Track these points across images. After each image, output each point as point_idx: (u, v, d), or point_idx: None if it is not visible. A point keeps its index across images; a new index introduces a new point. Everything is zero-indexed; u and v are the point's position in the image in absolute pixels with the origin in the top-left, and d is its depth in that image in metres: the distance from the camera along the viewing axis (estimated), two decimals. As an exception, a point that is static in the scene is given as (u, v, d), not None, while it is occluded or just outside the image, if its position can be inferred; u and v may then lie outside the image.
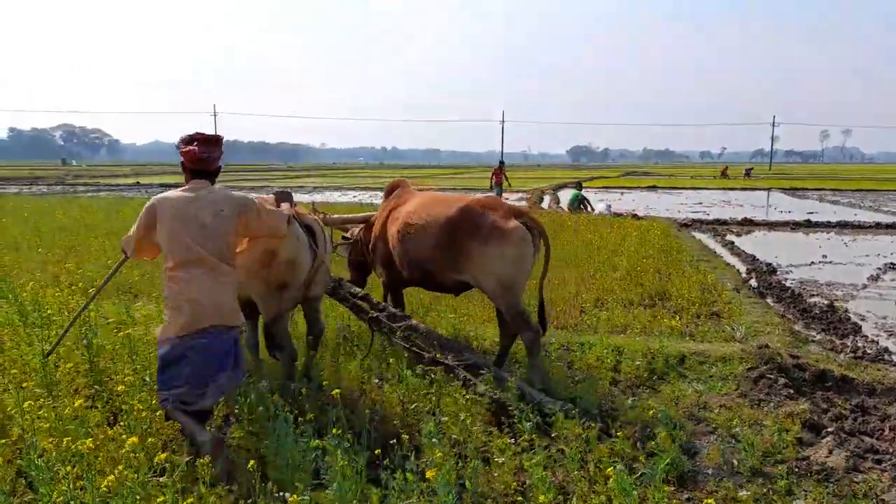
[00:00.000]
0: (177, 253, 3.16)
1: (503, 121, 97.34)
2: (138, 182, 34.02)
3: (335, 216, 5.83)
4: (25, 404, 2.84)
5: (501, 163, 22.00)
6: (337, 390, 3.45)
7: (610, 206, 18.30)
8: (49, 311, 4.51)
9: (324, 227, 4.20)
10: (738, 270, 9.85)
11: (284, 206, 3.85)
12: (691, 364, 5.14)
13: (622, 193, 30.44)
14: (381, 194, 7.62)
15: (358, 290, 5.15)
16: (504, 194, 21.62)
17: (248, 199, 3.45)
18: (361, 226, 5.68)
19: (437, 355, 4.36)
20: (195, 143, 3.31)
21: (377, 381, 4.18)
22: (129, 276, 7.34)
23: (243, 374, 3.48)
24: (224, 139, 3.47)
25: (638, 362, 4.90)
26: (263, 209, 3.49)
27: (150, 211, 3.25)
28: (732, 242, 13.26)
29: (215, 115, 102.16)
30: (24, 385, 3.12)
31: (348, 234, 5.93)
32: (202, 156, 3.31)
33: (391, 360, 4.34)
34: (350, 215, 6.01)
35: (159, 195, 3.33)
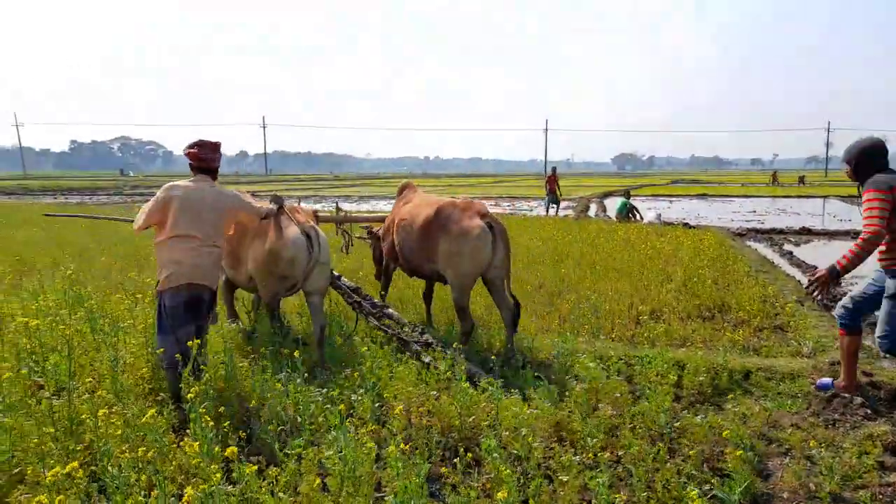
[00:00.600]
0: (174, 227, 3.99)
1: (546, 129, 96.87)
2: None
3: (355, 214, 6.89)
4: (100, 412, 2.91)
5: (553, 170, 21.90)
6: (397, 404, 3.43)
7: (660, 215, 17.89)
8: (116, 318, 4.63)
9: (319, 233, 4.88)
10: (798, 282, 9.47)
11: (272, 205, 4.72)
12: (757, 380, 4.94)
13: (671, 202, 29.80)
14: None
15: (351, 283, 6.18)
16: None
17: (237, 195, 4.43)
18: (382, 224, 6.36)
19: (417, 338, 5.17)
20: (197, 147, 4.23)
21: (434, 392, 4.15)
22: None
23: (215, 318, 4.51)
24: (221, 144, 4.36)
25: (701, 378, 4.74)
26: (247, 203, 4.48)
27: (165, 197, 4.06)
28: (791, 252, 12.79)
29: (264, 127, 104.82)
30: (97, 393, 3.20)
31: (374, 231, 6.68)
32: (203, 156, 4.22)
33: (447, 374, 4.31)
34: (367, 214, 6.84)
35: (173, 183, 4.15)
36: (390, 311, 5.72)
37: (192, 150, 4.22)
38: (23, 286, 7.17)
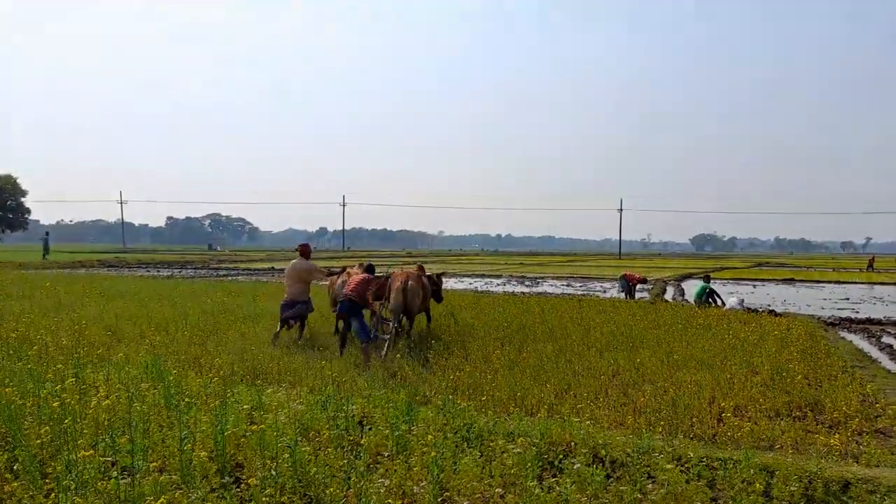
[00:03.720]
0: (288, 281, 10.05)
1: (621, 209, 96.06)
2: (273, 267, 36.51)
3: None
4: (159, 501, 2.94)
5: (644, 279, 21.63)
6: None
7: (743, 301, 17.06)
8: (188, 398, 4.76)
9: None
10: (902, 379, 8.67)
11: (337, 270, 10.81)
12: (858, 493, 4.45)
13: (754, 286, 28.47)
14: (495, 281, 25.17)
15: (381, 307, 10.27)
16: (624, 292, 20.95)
17: (313, 265, 10.20)
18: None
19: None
20: (301, 247, 10.36)
21: (500, 490, 3.97)
22: (262, 363, 7.72)
23: (307, 310, 10.09)
24: (309, 245, 10.74)
25: (792, 487, 4.31)
26: (315, 269, 10.20)
27: (286, 267, 10.35)
28: (891, 346, 11.79)
29: (343, 206, 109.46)
30: (163, 475, 3.26)
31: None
32: (301, 249, 10.27)
33: (514, 469, 4.13)
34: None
35: (290, 261, 10.36)
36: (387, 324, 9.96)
37: (297, 249, 10.21)
38: (110, 358, 7.56)
